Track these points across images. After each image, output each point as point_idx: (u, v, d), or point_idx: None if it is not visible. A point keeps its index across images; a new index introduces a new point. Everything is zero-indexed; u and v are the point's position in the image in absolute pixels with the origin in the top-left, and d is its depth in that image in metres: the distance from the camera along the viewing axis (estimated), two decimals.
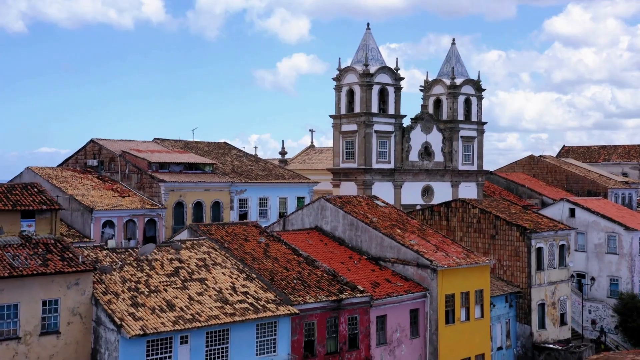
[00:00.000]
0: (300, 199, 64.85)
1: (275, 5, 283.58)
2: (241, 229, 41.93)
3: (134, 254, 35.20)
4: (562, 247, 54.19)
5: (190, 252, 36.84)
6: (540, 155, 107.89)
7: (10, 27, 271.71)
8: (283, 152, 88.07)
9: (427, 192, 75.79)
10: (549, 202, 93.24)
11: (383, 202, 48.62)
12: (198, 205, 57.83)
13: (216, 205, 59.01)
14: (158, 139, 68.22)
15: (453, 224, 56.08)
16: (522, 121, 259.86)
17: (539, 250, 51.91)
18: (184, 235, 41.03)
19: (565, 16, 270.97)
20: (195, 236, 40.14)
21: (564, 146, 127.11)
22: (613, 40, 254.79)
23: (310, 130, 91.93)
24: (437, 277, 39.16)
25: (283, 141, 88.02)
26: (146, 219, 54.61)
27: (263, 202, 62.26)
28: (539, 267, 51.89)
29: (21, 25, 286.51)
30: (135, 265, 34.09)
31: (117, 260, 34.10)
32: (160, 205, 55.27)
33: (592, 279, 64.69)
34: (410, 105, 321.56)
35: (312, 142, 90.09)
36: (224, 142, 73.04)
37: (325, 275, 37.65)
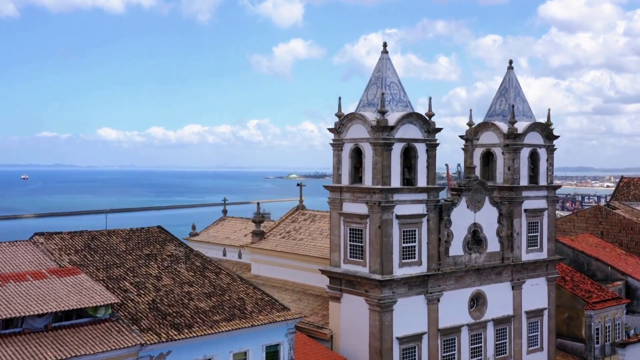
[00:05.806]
0: (271, 351, 37.92)
1: None
2: None
3: None
4: None
5: None
6: (607, 205, 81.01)
7: (2, 10, 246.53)
8: (259, 220, 60.92)
9: (477, 301, 48.88)
10: (636, 284, 66.90)
11: None
12: None
13: None
14: (40, 233, 41.47)
15: None
16: None
17: None
18: None
19: (559, 1, 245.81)
20: None
21: (622, 177, 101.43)
22: (610, 25, 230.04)
23: (298, 184, 65.02)
24: None
25: (259, 203, 61.15)
26: None
27: None
28: None
29: (12, 8, 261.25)
30: None
31: None
32: None
33: None
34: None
35: (300, 199, 63.16)
36: (158, 228, 46.22)
37: None
